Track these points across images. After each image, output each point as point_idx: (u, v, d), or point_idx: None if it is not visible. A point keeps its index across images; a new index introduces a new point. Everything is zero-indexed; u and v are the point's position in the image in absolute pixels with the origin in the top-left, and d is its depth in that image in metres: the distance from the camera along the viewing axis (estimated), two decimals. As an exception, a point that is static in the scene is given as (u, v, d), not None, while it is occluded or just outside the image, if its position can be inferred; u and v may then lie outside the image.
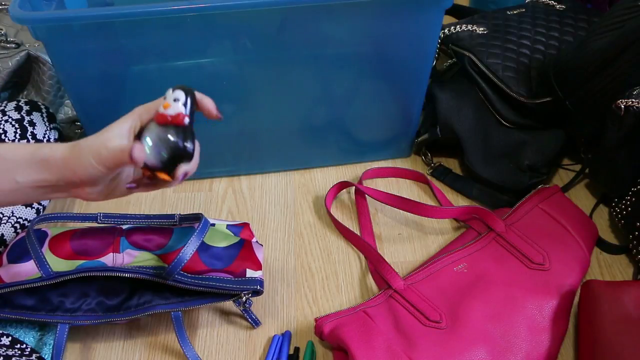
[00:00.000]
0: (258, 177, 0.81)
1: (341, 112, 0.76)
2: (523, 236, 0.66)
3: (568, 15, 0.84)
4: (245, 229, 0.65)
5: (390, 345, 0.56)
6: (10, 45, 0.77)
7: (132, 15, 0.58)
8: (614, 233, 0.73)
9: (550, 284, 0.61)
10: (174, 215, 0.64)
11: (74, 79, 0.66)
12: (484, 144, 0.77)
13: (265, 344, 0.62)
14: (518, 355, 0.56)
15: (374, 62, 0.70)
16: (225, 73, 0.68)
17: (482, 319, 0.58)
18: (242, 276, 0.60)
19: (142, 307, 0.60)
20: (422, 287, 0.62)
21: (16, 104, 0.70)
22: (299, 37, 0.65)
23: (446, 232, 0.74)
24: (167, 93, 0.48)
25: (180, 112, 0.47)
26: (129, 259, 0.59)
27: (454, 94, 0.79)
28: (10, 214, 0.67)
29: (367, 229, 0.74)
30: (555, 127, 0.78)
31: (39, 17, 0.59)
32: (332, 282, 0.68)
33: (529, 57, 0.78)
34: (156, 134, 0.47)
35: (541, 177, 0.75)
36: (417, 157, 0.85)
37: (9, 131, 0.67)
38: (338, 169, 0.83)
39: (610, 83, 0.67)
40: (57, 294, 0.61)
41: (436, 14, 0.66)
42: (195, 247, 0.57)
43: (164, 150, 0.47)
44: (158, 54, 0.65)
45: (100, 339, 0.63)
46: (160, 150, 0.47)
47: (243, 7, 0.59)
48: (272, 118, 0.75)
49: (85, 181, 0.46)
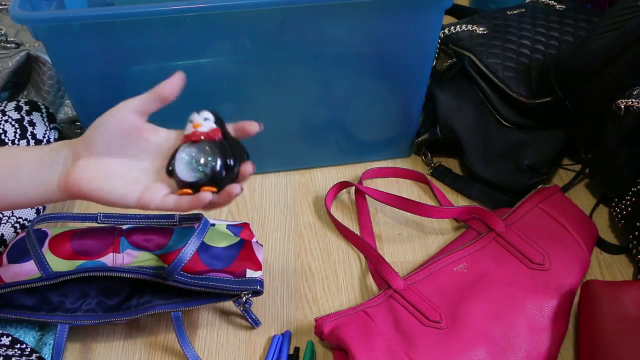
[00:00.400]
0: (258, 177, 0.81)
1: (341, 112, 0.76)
2: (523, 236, 0.66)
3: (568, 15, 0.84)
4: (245, 229, 0.65)
5: (390, 345, 0.56)
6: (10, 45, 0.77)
7: (132, 15, 0.58)
8: (614, 233, 0.73)
9: (550, 284, 0.61)
10: (174, 216, 0.64)
11: (74, 79, 0.66)
12: (484, 144, 0.77)
13: (265, 344, 0.62)
14: (518, 355, 0.56)
15: (374, 62, 0.70)
16: (225, 73, 0.68)
17: (482, 319, 0.58)
18: (242, 276, 0.60)
19: (142, 307, 0.60)
20: (422, 287, 0.62)
21: (16, 104, 0.70)
22: (299, 37, 0.65)
23: (446, 232, 0.74)
24: (192, 116, 0.47)
25: (213, 127, 0.47)
26: (129, 259, 0.59)
27: (454, 94, 0.79)
28: (10, 214, 0.67)
29: (367, 229, 0.74)
30: (555, 127, 0.78)
31: (39, 17, 0.59)
32: (332, 282, 0.68)
33: (529, 57, 0.78)
34: (195, 151, 0.46)
35: (541, 177, 0.75)
36: (417, 157, 0.85)
37: (8, 131, 0.67)
38: (338, 169, 0.83)
39: (610, 83, 0.67)
40: (57, 294, 0.61)
41: (436, 14, 0.66)
42: (195, 247, 0.57)
43: (208, 166, 0.45)
44: (158, 54, 0.65)
45: (100, 339, 0.63)
46: (204, 167, 0.45)
47: (243, 7, 0.59)
48: (272, 118, 0.75)
49: None
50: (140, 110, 0.46)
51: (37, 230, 0.62)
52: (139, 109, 0.46)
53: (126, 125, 0.46)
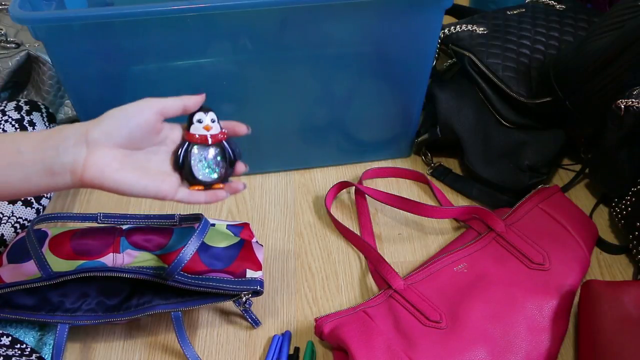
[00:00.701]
0: (258, 177, 0.82)
1: (341, 112, 0.76)
2: (523, 236, 0.66)
3: (568, 15, 0.84)
4: (246, 229, 0.65)
5: (390, 345, 0.56)
6: (10, 45, 0.77)
7: (132, 15, 0.58)
8: (614, 233, 0.73)
9: (550, 284, 0.61)
10: (174, 216, 0.64)
11: (74, 79, 0.66)
12: (484, 144, 0.77)
13: (265, 344, 0.62)
14: (518, 355, 0.56)
15: (374, 62, 0.70)
16: (226, 73, 0.68)
17: (482, 319, 0.58)
18: (242, 277, 0.60)
19: (142, 307, 0.60)
20: (422, 287, 0.62)
21: (16, 104, 0.70)
22: (299, 37, 0.65)
23: (446, 232, 0.74)
24: (198, 116, 0.52)
25: (221, 129, 0.53)
26: (129, 259, 0.59)
27: (454, 94, 0.79)
28: (10, 214, 0.67)
29: (367, 229, 0.74)
30: (555, 127, 0.78)
31: (39, 17, 0.59)
32: (332, 282, 0.68)
33: (529, 57, 0.78)
34: (212, 155, 0.52)
35: (541, 177, 0.75)
36: (417, 157, 0.85)
37: (8, 131, 0.67)
38: (338, 169, 0.83)
39: (610, 83, 0.67)
40: (57, 294, 0.61)
41: (436, 14, 0.66)
42: (195, 248, 0.57)
43: (220, 166, 0.53)
44: (158, 54, 0.65)
45: (100, 339, 0.63)
46: (217, 167, 0.52)
47: (243, 7, 0.59)
48: (272, 118, 0.75)
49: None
50: (163, 113, 0.49)
51: (37, 230, 0.62)
52: (161, 112, 0.48)
53: (151, 121, 0.48)
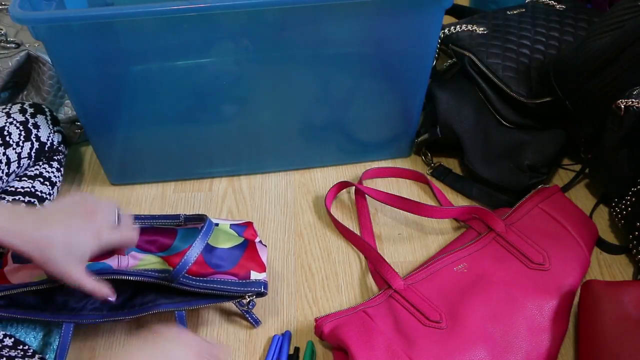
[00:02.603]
0: (258, 177, 0.82)
1: (341, 112, 0.76)
2: (523, 236, 0.66)
3: (568, 15, 0.84)
4: (249, 229, 0.65)
5: (390, 345, 0.56)
6: (10, 45, 0.77)
7: (132, 15, 0.58)
8: (614, 233, 0.73)
9: (550, 284, 0.61)
10: (179, 216, 0.64)
11: (74, 79, 0.66)
12: (484, 144, 0.77)
13: (265, 344, 0.62)
14: (518, 355, 0.56)
15: (374, 62, 0.70)
16: (226, 73, 0.68)
17: (482, 319, 0.58)
18: (246, 278, 0.60)
19: (146, 306, 0.60)
20: (422, 287, 0.62)
21: (20, 107, 0.71)
22: (299, 37, 0.65)
23: (446, 232, 0.74)
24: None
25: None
26: (133, 261, 0.59)
27: (454, 94, 0.79)
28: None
29: (367, 229, 0.74)
30: (555, 127, 0.78)
31: (39, 17, 0.59)
32: (332, 282, 0.68)
33: (529, 57, 0.78)
34: None
35: (541, 177, 0.75)
36: (417, 157, 0.85)
37: (13, 133, 0.67)
38: (338, 169, 0.83)
39: (610, 83, 0.67)
40: (61, 294, 0.60)
41: (436, 14, 0.66)
42: (199, 250, 0.57)
43: None
44: (158, 54, 0.65)
45: (101, 339, 0.63)
46: None
47: (243, 7, 0.59)
48: (273, 118, 0.75)
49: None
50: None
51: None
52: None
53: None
